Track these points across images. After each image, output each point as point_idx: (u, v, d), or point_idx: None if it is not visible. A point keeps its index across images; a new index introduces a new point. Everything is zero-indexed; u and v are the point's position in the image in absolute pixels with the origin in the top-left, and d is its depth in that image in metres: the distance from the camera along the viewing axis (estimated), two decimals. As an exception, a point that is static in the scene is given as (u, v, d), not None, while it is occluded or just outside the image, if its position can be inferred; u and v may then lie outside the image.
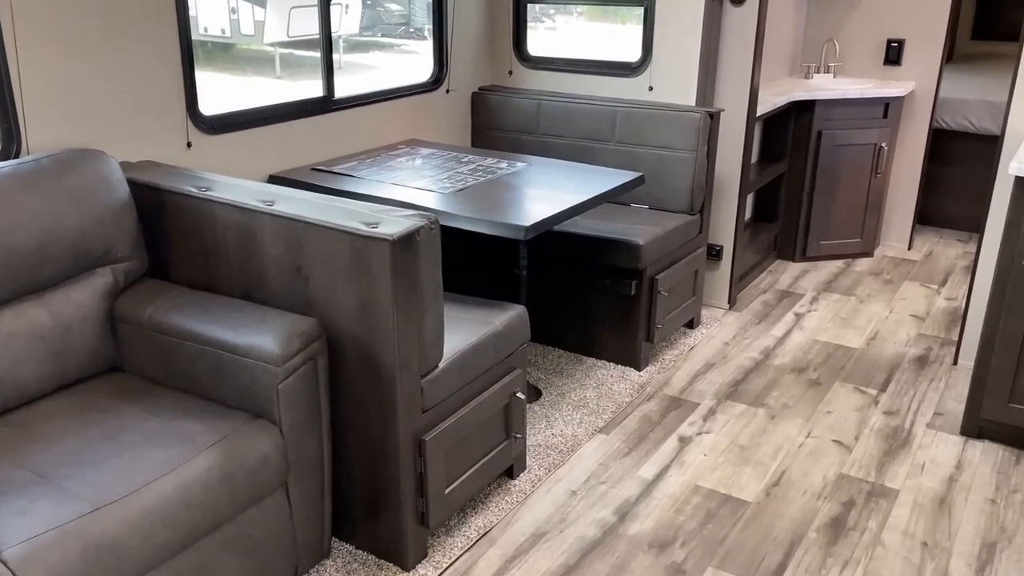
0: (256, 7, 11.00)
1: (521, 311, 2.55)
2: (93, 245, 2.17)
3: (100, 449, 1.86)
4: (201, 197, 2.25)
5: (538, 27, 4.24)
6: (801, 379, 3.33)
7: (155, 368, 2.20)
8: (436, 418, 2.24)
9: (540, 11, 4.55)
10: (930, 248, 4.82)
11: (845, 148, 4.39)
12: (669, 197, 3.52)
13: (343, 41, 11.54)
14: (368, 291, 2.04)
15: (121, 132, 2.50)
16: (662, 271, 3.32)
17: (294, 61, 12.06)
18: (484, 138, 3.90)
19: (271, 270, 2.19)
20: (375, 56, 11.76)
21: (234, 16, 11.34)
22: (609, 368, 3.37)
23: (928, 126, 4.55)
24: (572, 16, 5.06)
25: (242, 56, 11.51)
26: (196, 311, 2.15)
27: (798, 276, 4.40)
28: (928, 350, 3.59)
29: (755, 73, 3.62)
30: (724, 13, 3.58)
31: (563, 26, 5.31)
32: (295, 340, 2.00)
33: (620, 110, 3.55)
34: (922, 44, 4.47)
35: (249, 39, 11.30)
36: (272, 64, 11.47)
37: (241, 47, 11.49)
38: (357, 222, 2.04)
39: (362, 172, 3.05)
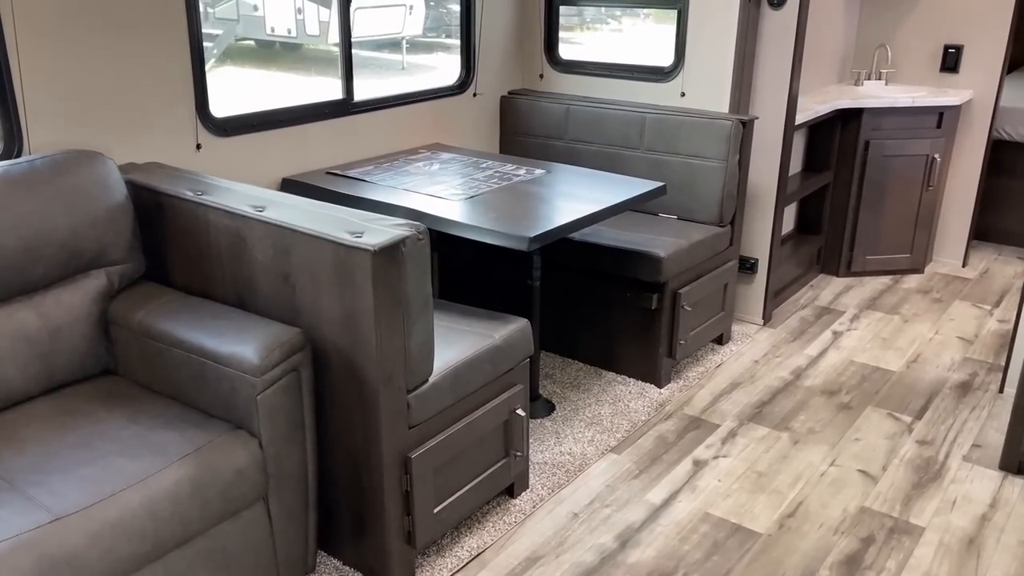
0: (321, 8, 11.16)
1: (524, 325, 2.46)
2: (85, 247, 2.16)
3: (72, 456, 1.84)
4: (195, 201, 2.22)
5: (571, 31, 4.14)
6: (831, 402, 3.16)
7: (145, 373, 2.18)
8: (425, 435, 2.16)
9: (573, 14, 4.44)
10: (987, 266, 4.56)
11: (894, 159, 4.17)
12: (698, 207, 3.38)
13: (407, 42, 11.63)
14: (351, 302, 1.97)
15: (128, 133, 2.49)
16: (686, 285, 3.19)
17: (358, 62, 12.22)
18: (512, 143, 3.82)
19: (260, 277, 2.14)
20: (438, 57, 11.81)
21: (300, 16, 11.51)
22: (628, 384, 3.25)
23: (987, 137, 4.30)
24: (604, 20, 4.95)
25: (307, 56, 11.67)
26: (184, 317, 2.12)
27: (841, 292, 4.20)
28: (973, 376, 3.37)
29: (794, 79, 3.45)
30: (762, 17, 3.43)
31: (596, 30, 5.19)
32: (275, 351, 1.95)
33: (649, 116, 3.43)
34: (982, 50, 4.22)
35: (314, 39, 11.47)
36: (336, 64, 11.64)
37: (307, 47, 11.67)
38: (342, 231, 1.97)
39: (376, 177, 3.00)
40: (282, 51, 12.24)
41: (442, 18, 12.34)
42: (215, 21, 11.76)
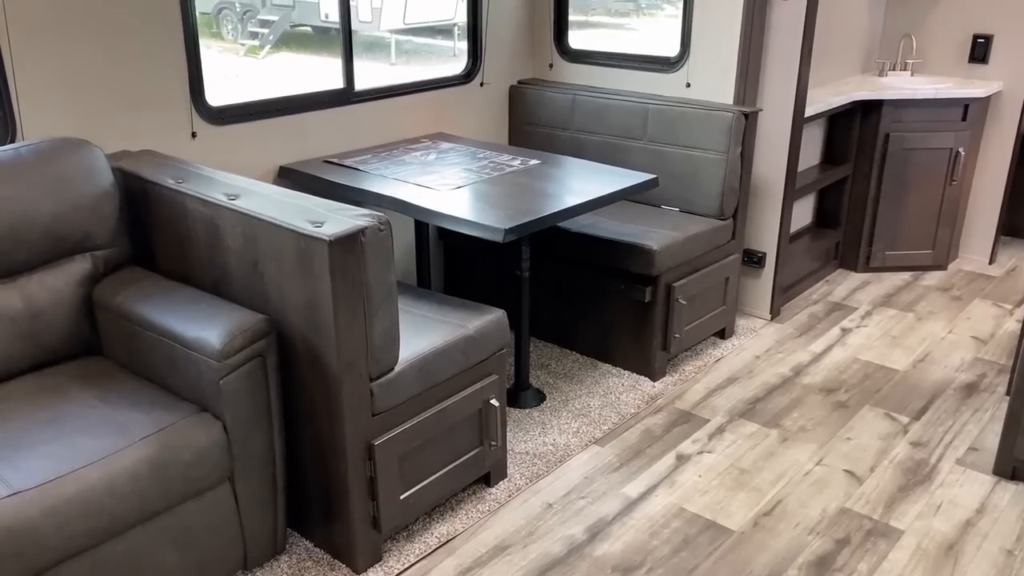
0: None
1: (500, 316, 2.47)
2: (69, 232, 2.24)
3: (40, 433, 1.92)
4: (175, 189, 2.28)
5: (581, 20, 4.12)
6: (828, 401, 3.11)
7: (125, 355, 2.25)
8: (390, 422, 2.20)
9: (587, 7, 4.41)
10: (1015, 263, 4.41)
11: (916, 152, 4.06)
12: (699, 200, 3.34)
13: (458, 29, 11.66)
14: (313, 290, 2.01)
15: (122, 120, 2.57)
16: (682, 278, 3.16)
17: (411, 48, 12.29)
18: (521, 133, 3.82)
19: (233, 264, 2.20)
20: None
21: (353, 3, 11.68)
22: (622, 376, 3.24)
23: (1016, 130, 4.15)
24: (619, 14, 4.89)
25: (360, 43, 11.79)
26: (160, 302, 2.19)
27: (857, 288, 4.12)
28: (981, 377, 3.28)
29: (803, 71, 3.38)
30: (771, 7, 3.36)
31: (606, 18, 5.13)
32: (238, 337, 2.00)
33: (652, 107, 3.40)
34: (1013, 40, 4.07)
35: (367, 26, 11.60)
36: (388, 51, 11.73)
37: (360, 34, 11.79)
38: (303, 220, 2.01)
39: (371, 166, 3.03)
40: (336, 37, 12.43)
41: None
42: (271, 7, 11.96)
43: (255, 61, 10.86)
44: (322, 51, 11.72)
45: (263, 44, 11.36)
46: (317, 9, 11.91)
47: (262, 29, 11.54)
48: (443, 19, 11.51)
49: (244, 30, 11.45)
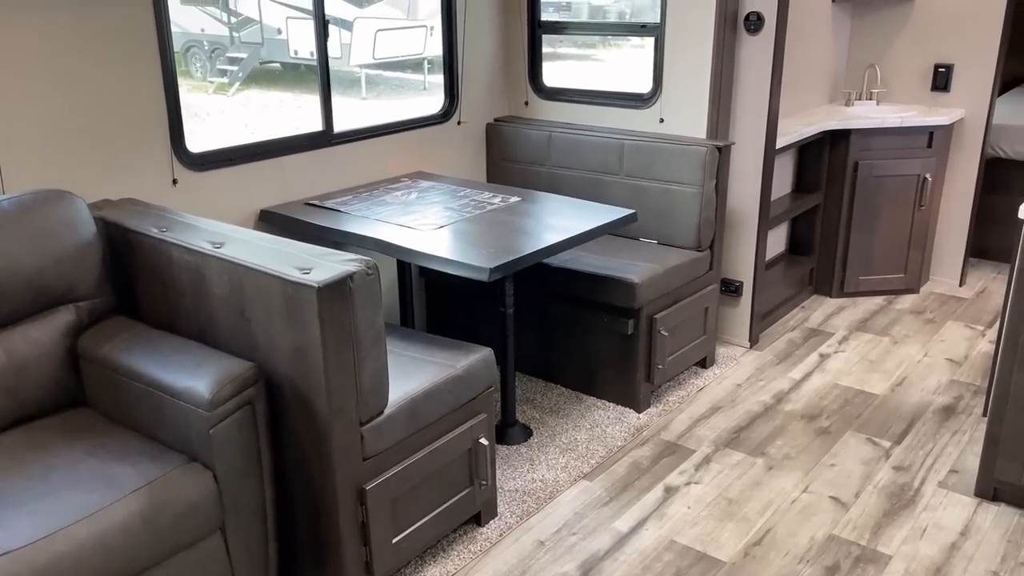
0: (343, 30, 11.35)
1: (487, 354, 2.49)
2: (52, 285, 2.23)
3: (27, 490, 1.89)
4: (159, 238, 2.28)
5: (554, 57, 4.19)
6: (810, 427, 3.15)
7: (111, 406, 2.24)
8: (381, 466, 2.19)
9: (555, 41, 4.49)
10: (984, 284, 4.51)
11: (885, 179, 4.16)
12: (676, 233, 3.39)
13: (427, 62, 11.78)
14: (301, 337, 2.02)
15: (103, 169, 2.57)
16: (663, 310, 3.20)
17: (381, 81, 12.38)
18: (499, 170, 3.86)
19: (220, 311, 2.20)
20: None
21: (322, 39, 11.74)
22: (608, 409, 3.26)
23: (980, 155, 4.27)
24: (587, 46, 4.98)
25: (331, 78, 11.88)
26: (146, 351, 2.18)
27: (832, 313, 4.18)
28: (958, 399, 3.34)
29: (773, 104, 3.46)
30: (740, 43, 3.45)
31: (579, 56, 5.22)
32: (227, 385, 1.99)
33: (628, 143, 3.46)
34: (972, 69, 4.20)
35: (336, 62, 11.67)
36: (358, 85, 11.82)
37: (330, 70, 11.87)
38: (291, 267, 2.02)
39: (352, 207, 3.05)
40: (305, 72, 12.46)
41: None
42: (240, 45, 12.01)
43: (224, 99, 10.87)
44: (292, 87, 11.77)
45: (232, 81, 11.40)
46: (286, 46, 11.99)
47: (231, 67, 11.58)
48: (412, 53, 11.64)
49: (213, 68, 11.48)
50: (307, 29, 11.79)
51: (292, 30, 11.81)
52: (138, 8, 2.56)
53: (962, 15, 4.14)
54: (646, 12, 9.73)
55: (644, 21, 3.54)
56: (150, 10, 2.59)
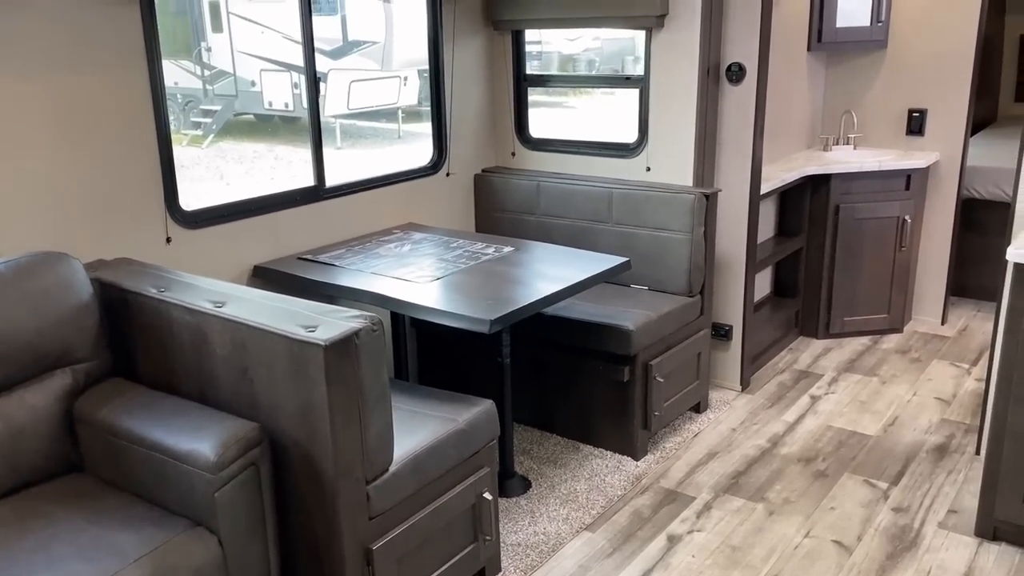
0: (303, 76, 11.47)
1: (488, 406, 2.48)
2: (50, 348, 2.20)
3: (28, 562, 1.84)
4: (158, 298, 2.27)
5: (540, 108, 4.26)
6: (808, 470, 3.16)
7: (110, 470, 2.19)
8: (387, 525, 2.17)
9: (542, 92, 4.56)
10: (966, 323, 4.58)
11: (866, 222, 4.23)
12: (667, 278, 3.42)
13: (402, 112, 11.90)
14: (307, 395, 2.00)
15: (97, 230, 2.56)
16: (657, 356, 3.21)
17: (356, 131, 12.47)
18: (487, 220, 3.89)
19: (221, 371, 2.17)
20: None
21: (296, 91, 11.84)
22: (605, 457, 3.25)
23: (956, 197, 4.37)
24: (574, 97, 5.08)
25: (305, 128, 11.95)
26: (146, 414, 2.14)
27: (820, 354, 4.22)
28: (950, 438, 3.37)
29: (756, 151, 3.53)
30: (722, 93, 3.53)
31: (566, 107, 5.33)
32: (232, 447, 1.97)
33: (616, 191, 3.50)
34: (945, 114, 4.32)
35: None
36: (333, 135, 11.90)
37: (304, 120, 11.94)
38: (295, 325, 2.01)
39: (346, 261, 3.05)
40: (280, 123, 12.53)
41: (435, 88, 12.63)
42: (213, 97, 12.07)
43: (199, 151, 10.89)
44: (267, 138, 11.82)
45: (206, 133, 11.42)
46: (260, 98, 12.07)
47: (204, 119, 11.62)
48: (387, 103, 11.76)
49: (186, 120, 11.50)
50: (282, 81, 11.89)
51: (267, 82, 11.91)
52: (133, 69, 2.57)
53: (933, 61, 4.27)
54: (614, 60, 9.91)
55: (629, 73, 3.61)
56: (145, 72, 2.60)
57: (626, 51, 10.00)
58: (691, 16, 3.32)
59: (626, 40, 9.69)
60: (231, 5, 11.89)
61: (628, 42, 9.84)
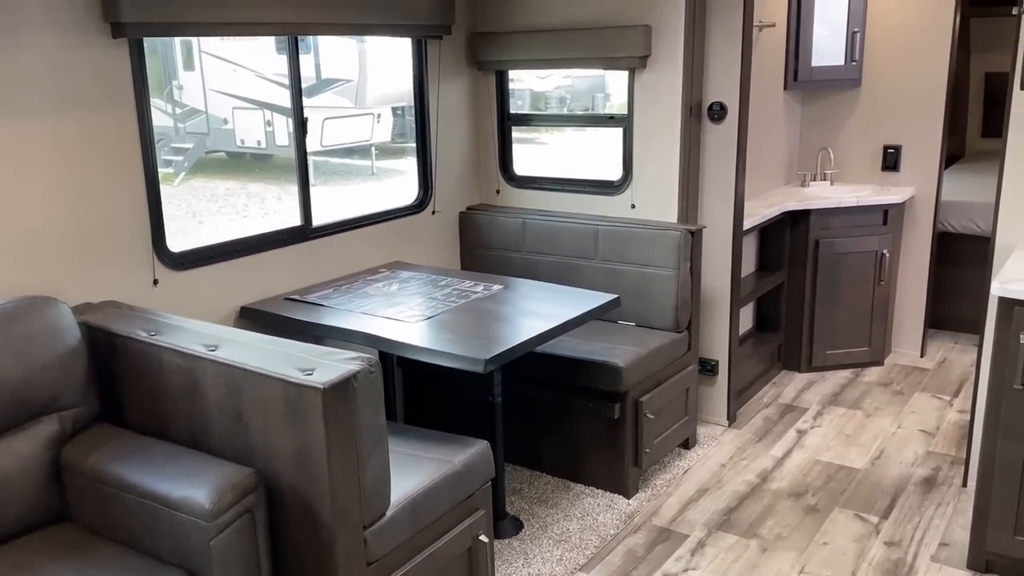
0: (290, 120, 11.50)
1: (483, 447, 2.46)
2: (37, 395, 2.15)
3: (17, 617, 1.79)
4: (148, 342, 2.23)
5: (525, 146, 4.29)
6: (798, 505, 3.16)
7: (98, 519, 2.14)
8: (384, 570, 2.13)
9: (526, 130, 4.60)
10: (944, 355, 4.64)
11: (845, 256, 4.30)
12: (654, 314, 3.44)
13: (375, 148, 11.93)
14: (304, 440, 1.97)
15: (84, 272, 2.52)
16: (647, 392, 3.21)
17: (329, 168, 12.47)
18: (473, 257, 3.89)
19: (214, 416, 2.14)
20: (408, 162, 12.11)
21: (269, 129, 11.84)
22: (597, 496, 3.23)
23: (932, 231, 4.45)
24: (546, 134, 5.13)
25: (278, 165, 11.94)
26: (136, 460, 2.10)
27: (803, 388, 4.25)
28: (936, 470, 3.39)
29: (738, 187, 3.58)
30: (704, 131, 3.58)
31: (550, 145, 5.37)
32: (227, 494, 1.93)
33: (602, 228, 3.52)
34: (919, 150, 4.41)
35: (284, 149, 11.76)
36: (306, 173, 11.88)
37: (277, 157, 11.93)
38: (292, 368, 1.99)
39: (334, 301, 3.03)
40: (252, 161, 12.51)
41: (409, 124, 12.71)
42: (185, 135, 12.03)
43: (170, 188, 10.82)
44: (239, 176, 11.78)
45: (178, 171, 11.37)
46: (233, 135, 12.06)
47: (176, 157, 11.57)
48: (360, 140, 11.80)
49: (158, 158, 11.43)
50: (254, 119, 11.90)
51: (239, 120, 11.91)
52: (121, 110, 2.56)
53: (907, 99, 4.37)
54: (584, 97, 10.03)
55: (612, 112, 3.66)
56: (133, 112, 2.59)
57: (596, 88, 10.12)
58: (673, 57, 3.38)
59: (596, 79, 9.81)
60: (203, 43, 11.91)
61: (598, 80, 9.97)
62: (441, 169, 3.76)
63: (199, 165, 11.87)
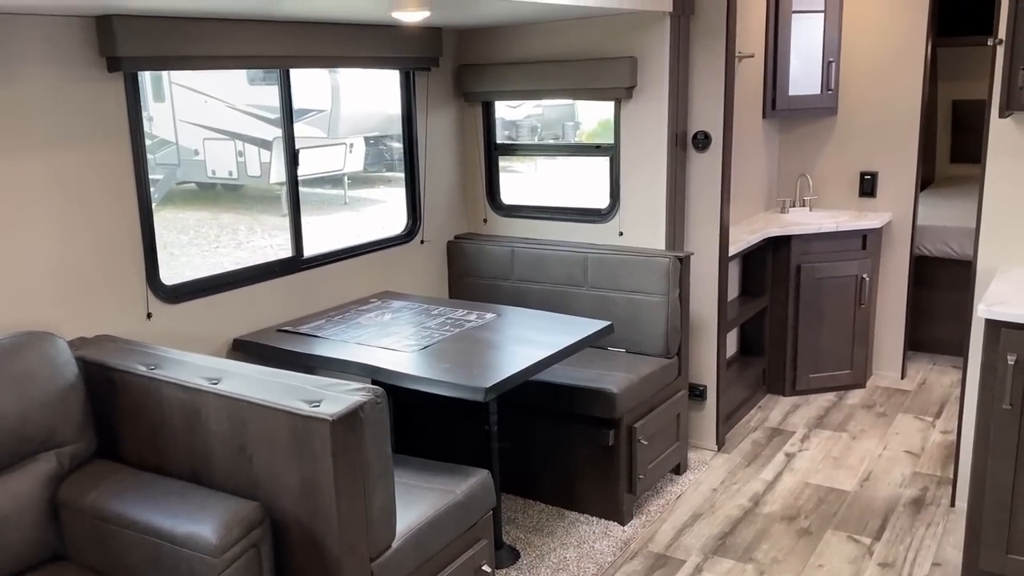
0: (262, 150, 11.45)
1: (484, 476, 2.46)
2: (35, 432, 2.12)
3: (20, 660, 1.75)
4: (148, 376, 2.21)
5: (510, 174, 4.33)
6: (792, 528, 3.18)
7: (97, 557, 2.10)
8: (390, 602, 2.11)
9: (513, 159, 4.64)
10: (924, 376, 4.72)
11: (827, 280, 4.37)
12: (645, 341, 3.47)
13: (348, 178, 11.94)
14: (310, 472, 1.96)
15: (78, 307, 2.50)
16: (640, 418, 3.23)
17: (301, 198, 12.46)
18: (461, 286, 3.90)
19: (217, 449, 2.12)
20: (380, 191, 12.12)
21: (241, 159, 11.80)
22: (592, 523, 3.23)
23: (909, 255, 4.55)
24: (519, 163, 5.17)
25: (249, 195, 11.89)
26: (137, 496, 2.07)
27: (789, 411, 4.29)
28: (924, 491, 3.44)
29: (724, 214, 3.64)
30: (689, 159, 3.64)
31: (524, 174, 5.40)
32: (234, 528, 1.91)
33: (591, 256, 3.56)
34: (895, 176, 4.52)
35: (256, 180, 11.71)
36: (279, 202, 11.85)
37: (249, 187, 11.89)
38: (298, 400, 1.99)
39: (328, 331, 3.02)
40: (223, 192, 12.45)
41: (382, 154, 12.74)
42: (155, 166, 11.96)
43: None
44: (209, 206, 11.71)
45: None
46: (204, 166, 12.01)
47: (145, 189, 11.46)
48: (333, 170, 11.81)
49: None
50: (225, 149, 11.86)
51: (210, 151, 11.87)
52: (117, 144, 2.55)
53: (882, 127, 4.48)
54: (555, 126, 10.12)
55: (599, 142, 3.71)
56: (128, 146, 2.58)
57: (566, 117, 10.26)
58: (659, 87, 3.44)
59: (565, 107, 9.94)
60: (174, 74, 11.90)
61: (567, 109, 10.10)
62: (429, 198, 3.78)
63: (169, 196, 11.80)
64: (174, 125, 12.10)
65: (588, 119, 9.54)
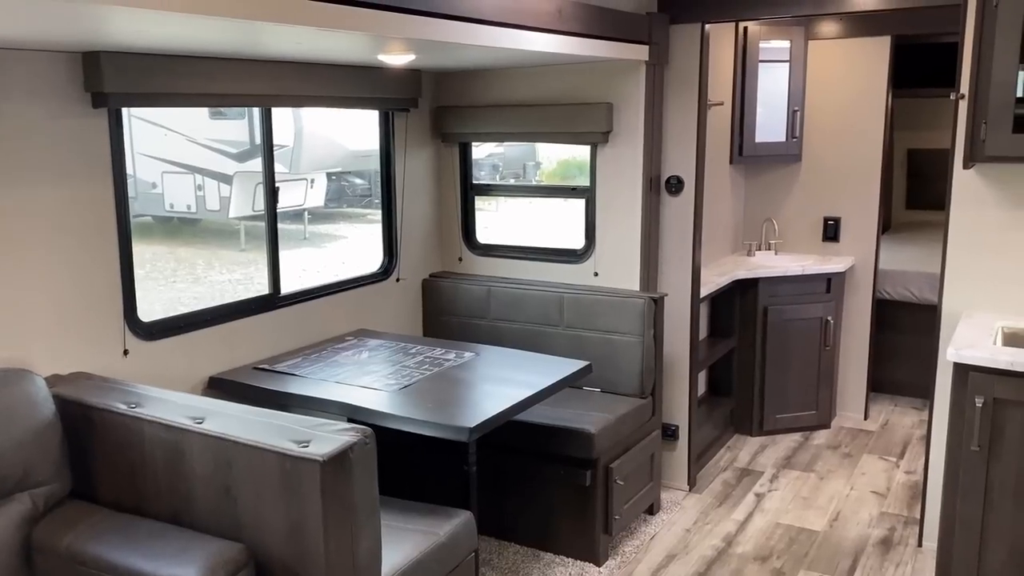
0: (222, 184, 11.37)
1: (467, 518, 2.45)
2: (10, 472, 2.07)
3: None
4: (129, 415, 2.18)
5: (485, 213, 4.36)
6: (765, 569, 3.21)
7: (70, 602, 2.05)
8: (374, 646, 2.09)
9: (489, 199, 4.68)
10: (886, 417, 4.82)
11: (792, 322, 4.46)
12: (620, 380, 3.50)
13: (308, 213, 11.88)
14: (298, 514, 1.94)
15: (54, 343, 2.45)
16: (616, 458, 3.25)
17: (259, 233, 12.35)
18: (436, 324, 3.91)
19: (199, 490, 2.09)
20: (341, 227, 12.07)
21: (200, 193, 11.69)
22: (567, 564, 3.22)
23: (871, 298, 4.67)
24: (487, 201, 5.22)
25: (208, 230, 11.76)
26: (116, 539, 2.03)
27: (757, 452, 4.35)
28: (891, 531, 3.50)
29: (696, 257, 3.71)
30: (662, 203, 3.72)
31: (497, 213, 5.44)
32: (219, 571, 1.88)
33: (567, 296, 3.59)
34: (857, 221, 4.65)
35: (215, 214, 11.60)
36: (237, 237, 11.75)
37: (207, 222, 11.76)
38: (287, 440, 1.97)
39: (305, 370, 3.00)
40: (180, 226, 12.30)
41: (344, 190, 12.73)
42: (111, 200, 11.76)
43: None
44: (166, 240, 11.56)
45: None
46: (161, 200, 11.88)
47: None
48: (294, 205, 11.76)
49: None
50: (184, 183, 11.75)
51: (168, 184, 11.75)
52: (98, 180, 2.53)
53: (844, 173, 4.63)
54: (515, 165, 10.24)
55: (575, 184, 3.77)
56: (110, 182, 2.57)
57: (527, 157, 10.39)
58: (634, 133, 3.52)
59: (527, 147, 10.07)
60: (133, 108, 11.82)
61: (528, 148, 10.22)
62: (405, 236, 3.80)
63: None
64: (131, 158, 11.96)
65: (548, 159, 9.66)
